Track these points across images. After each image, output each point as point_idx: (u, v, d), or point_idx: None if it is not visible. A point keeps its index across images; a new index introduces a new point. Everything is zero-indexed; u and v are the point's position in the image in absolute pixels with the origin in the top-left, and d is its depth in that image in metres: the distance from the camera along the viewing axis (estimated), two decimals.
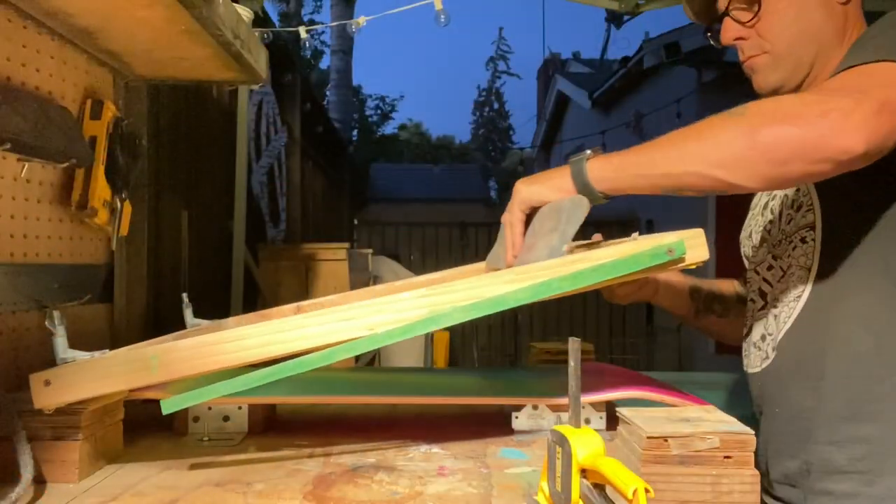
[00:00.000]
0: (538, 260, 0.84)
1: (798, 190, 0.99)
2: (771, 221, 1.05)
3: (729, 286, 1.22)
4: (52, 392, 0.72)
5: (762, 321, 1.03)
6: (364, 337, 0.74)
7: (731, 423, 0.72)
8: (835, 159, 0.77)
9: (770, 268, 1.03)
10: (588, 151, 0.91)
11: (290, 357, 0.75)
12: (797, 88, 1.01)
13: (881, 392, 0.88)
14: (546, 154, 14.74)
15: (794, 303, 0.97)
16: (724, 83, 5.46)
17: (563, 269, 0.77)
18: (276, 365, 0.74)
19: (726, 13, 1.03)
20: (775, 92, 1.02)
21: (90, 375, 0.73)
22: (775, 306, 1.00)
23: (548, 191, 0.92)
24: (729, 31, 1.03)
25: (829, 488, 0.89)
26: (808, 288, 0.95)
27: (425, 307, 0.75)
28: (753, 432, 0.69)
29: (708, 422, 0.73)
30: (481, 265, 1.29)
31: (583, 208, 0.87)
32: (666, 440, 0.68)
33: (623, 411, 0.78)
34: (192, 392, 0.74)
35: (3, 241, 0.98)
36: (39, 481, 0.74)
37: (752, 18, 1.01)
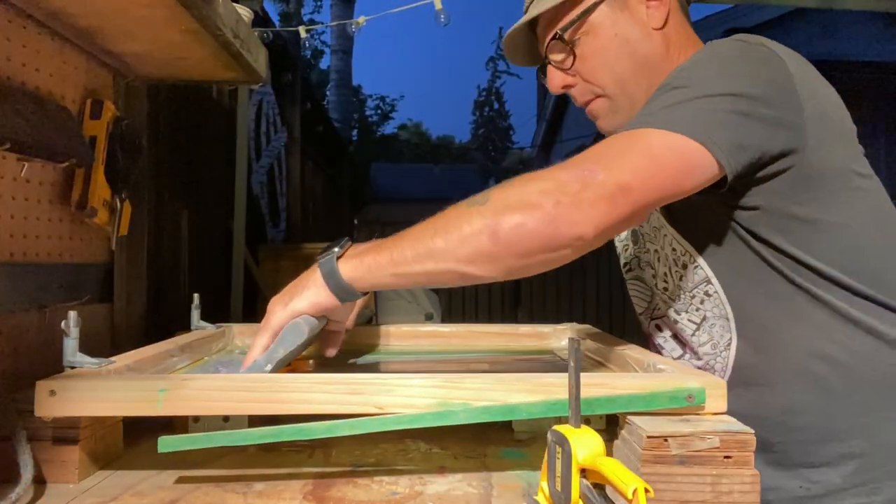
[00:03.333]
0: (254, 369, 0.87)
1: (674, 250, 0.99)
2: (656, 275, 1.05)
3: None
4: (55, 403, 0.73)
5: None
6: (371, 416, 0.75)
7: (731, 423, 0.72)
8: (571, 245, 0.79)
9: (676, 322, 1.02)
10: (336, 249, 0.89)
11: (295, 417, 0.76)
12: None
13: (855, 409, 0.88)
14: (546, 154, 14.73)
15: (726, 351, 0.96)
16: None
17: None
18: (277, 427, 0.75)
19: (548, 60, 1.03)
20: None
21: (95, 395, 0.74)
22: (701, 358, 1.00)
23: (304, 305, 0.89)
24: (555, 80, 1.04)
25: None
26: (734, 336, 0.95)
27: (437, 398, 0.75)
28: (753, 432, 0.69)
29: (708, 422, 0.73)
30: (491, 327, 1.32)
31: (300, 334, 0.88)
32: (666, 440, 0.68)
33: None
34: (190, 436, 0.75)
35: (2, 241, 0.98)
36: (39, 481, 0.74)
37: (570, 66, 1.01)
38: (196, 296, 1.18)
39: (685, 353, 1.04)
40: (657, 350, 1.09)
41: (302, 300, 0.89)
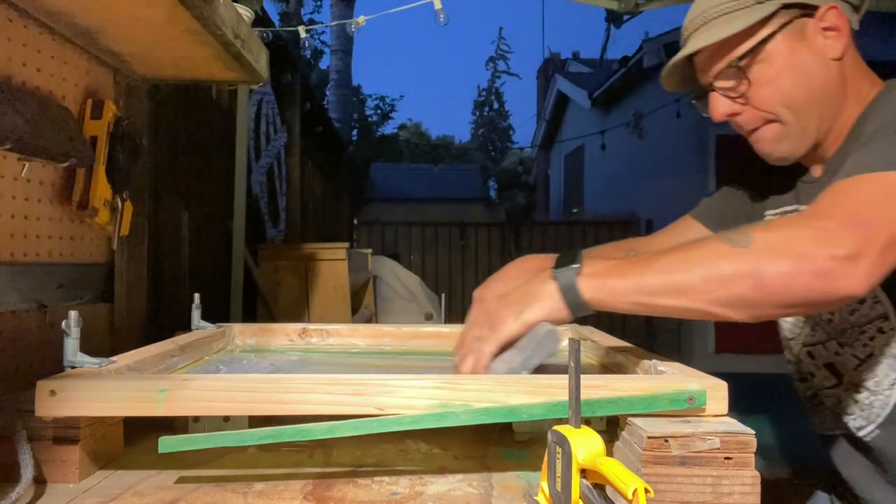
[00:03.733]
0: (494, 372, 0.85)
1: None
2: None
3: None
4: (55, 403, 0.73)
5: (843, 401, 1.02)
6: (371, 417, 0.74)
7: (732, 424, 0.72)
8: (838, 301, 0.76)
9: (837, 353, 1.02)
10: (575, 265, 0.85)
11: (295, 418, 0.76)
12: (807, 156, 1.00)
13: None
14: (546, 154, 14.73)
15: (890, 390, 0.96)
16: None
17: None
18: (277, 428, 0.75)
19: (711, 88, 1.00)
20: (783, 160, 1.00)
21: (95, 395, 0.74)
22: (860, 391, 0.99)
23: (539, 316, 0.85)
24: (721, 107, 1.00)
25: None
26: None
27: (438, 399, 0.75)
28: (753, 433, 0.69)
29: (708, 422, 0.73)
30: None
31: (555, 342, 0.86)
32: (666, 440, 0.68)
33: None
34: (190, 437, 0.75)
35: (3, 241, 0.98)
36: (39, 481, 0.74)
37: (741, 94, 0.98)
38: (196, 296, 1.18)
39: (840, 385, 1.03)
40: (800, 372, 1.08)
41: (536, 311, 0.85)
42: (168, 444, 0.74)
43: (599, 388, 0.75)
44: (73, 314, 0.80)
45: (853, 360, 1.00)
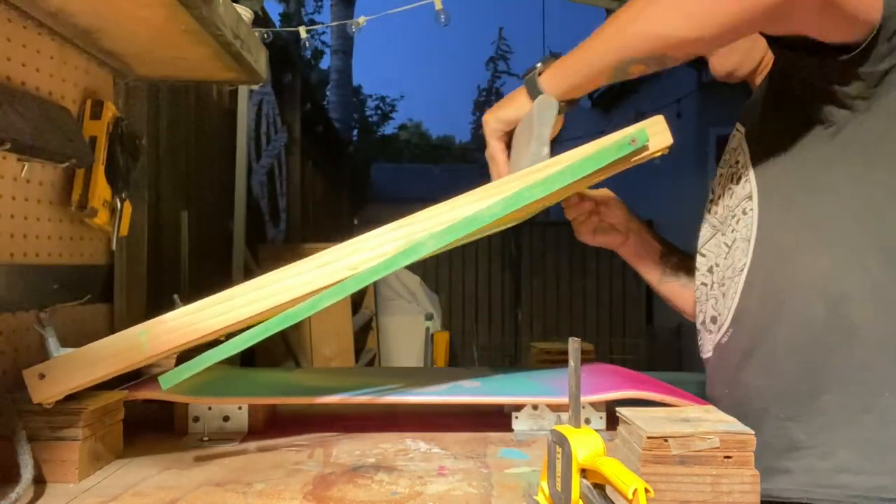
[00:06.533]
0: (518, 167, 0.85)
1: (737, 161, 0.98)
2: (711, 200, 1.04)
3: None
4: (47, 384, 0.72)
5: (711, 301, 1.01)
6: (348, 278, 0.74)
7: (731, 423, 0.72)
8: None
9: (717, 245, 1.01)
10: (539, 64, 0.91)
11: (278, 311, 0.75)
12: (751, 75, 1.04)
13: (835, 361, 0.85)
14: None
15: (738, 277, 0.94)
16: (724, 83, 5.47)
17: (532, 178, 0.78)
18: (262, 325, 0.74)
19: None
20: (731, 76, 1.05)
21: (83, 362, 0.73)
22: (722, 284, 0.98)
23: (512, 111, 0.92)
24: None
25: (787, 466, 0.86)
26: (748, 260, 0.93)
27: (401, 239, 0.75)
28: (753, 432, 0.69)
29: (708, 422, 0.73)
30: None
31: (550, 107, 0.87)
32: (666, 440, 0.68)
33: (623, 411, 0.78)
34: (185, 364, 0.74)
35: (2, 241, 0.98)
36: (39, 481, 0.74)
37: None
38: (176, 297, 1.17)
39: (713, 284, 1.01)
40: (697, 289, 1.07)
41: (510, 108, 0.92)
42: (168, 378, 0.73)
43: (548, 168, 0.78)
44: (43, 315, 0.80)
45: (724, 249, 0.99)
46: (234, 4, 1.18)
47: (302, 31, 2.55)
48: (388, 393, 0.95)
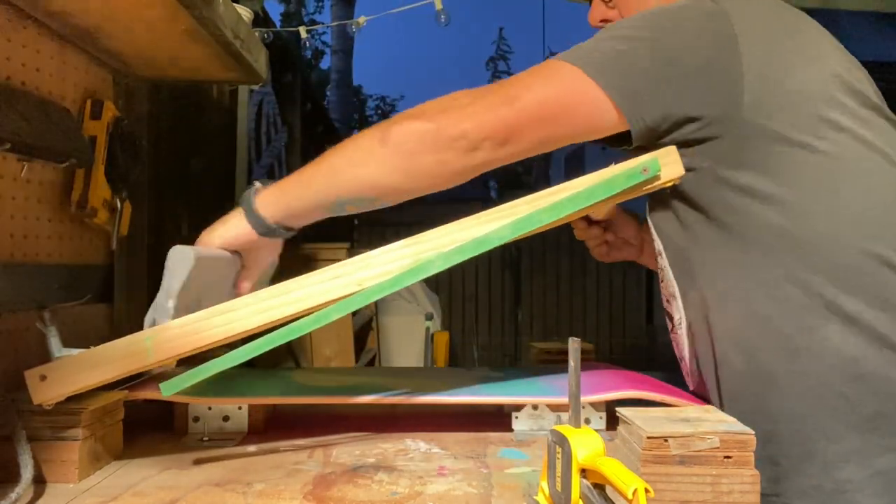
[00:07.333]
0: (146, 321, 0.82)
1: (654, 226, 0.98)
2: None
3: None
4: (48, 386, 0.72)
5: (681, 342, 1.00)
6: (354, 293, 0.74)
7: (731, 423, 0.72)
8: (454, 147, 0.82)
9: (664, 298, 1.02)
10: (257, 184, 0.92)
11: (284, 323, 0.75)
12: None
13: (769, 412, 0.84)
14: (546, 154, 14.72)
15: (682, 327, 0.95)
16: None
17: (543, 202, 0.79)
18: (267, 336, 0.74)
19: None
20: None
21: (86, 365, 0.73)
22: (680, 326, 0.98)
23: (231, 229, 0.92)
24: (595, 13, 1.07)
25: None
26: (682, 316, 0.94)
27: (409, 257, 0.75)
28: (753, 432, 0.69)
29: (708, 422, 0.73)
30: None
31: (185, 260, 0.84)
32: (666, 440, 0.68)
33: (623, 411, 0.78)
34: (189, 371, 0.74)
35: (3, 241, 0.98)
36: (39, 481, 0.74)
37: None
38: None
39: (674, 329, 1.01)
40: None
41: (222, 232, 0.92)
42: (170, 385, 0.73)
43: (559, 193, 0.78)
44: (45, 314, 0.80)
45: (665, 302, 0.99)
46: (234, 4, 1.18)
47: (302, 31, 2.55)
48: (387, 393, 0.95)
